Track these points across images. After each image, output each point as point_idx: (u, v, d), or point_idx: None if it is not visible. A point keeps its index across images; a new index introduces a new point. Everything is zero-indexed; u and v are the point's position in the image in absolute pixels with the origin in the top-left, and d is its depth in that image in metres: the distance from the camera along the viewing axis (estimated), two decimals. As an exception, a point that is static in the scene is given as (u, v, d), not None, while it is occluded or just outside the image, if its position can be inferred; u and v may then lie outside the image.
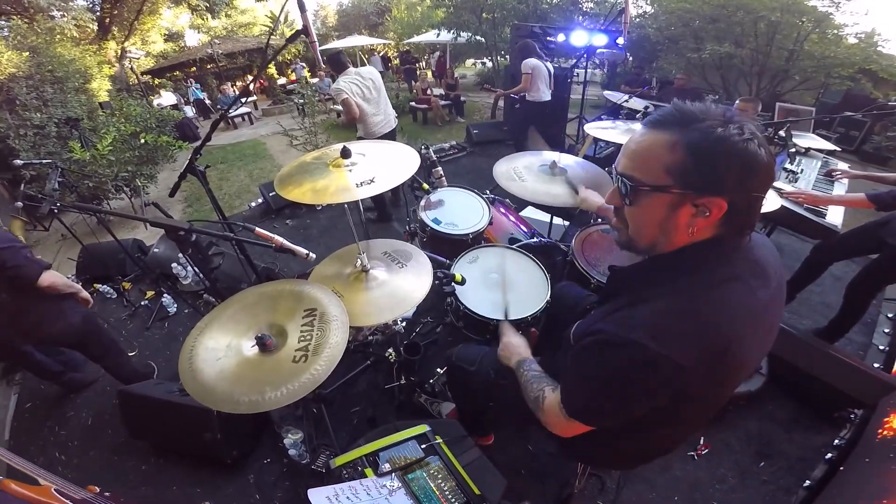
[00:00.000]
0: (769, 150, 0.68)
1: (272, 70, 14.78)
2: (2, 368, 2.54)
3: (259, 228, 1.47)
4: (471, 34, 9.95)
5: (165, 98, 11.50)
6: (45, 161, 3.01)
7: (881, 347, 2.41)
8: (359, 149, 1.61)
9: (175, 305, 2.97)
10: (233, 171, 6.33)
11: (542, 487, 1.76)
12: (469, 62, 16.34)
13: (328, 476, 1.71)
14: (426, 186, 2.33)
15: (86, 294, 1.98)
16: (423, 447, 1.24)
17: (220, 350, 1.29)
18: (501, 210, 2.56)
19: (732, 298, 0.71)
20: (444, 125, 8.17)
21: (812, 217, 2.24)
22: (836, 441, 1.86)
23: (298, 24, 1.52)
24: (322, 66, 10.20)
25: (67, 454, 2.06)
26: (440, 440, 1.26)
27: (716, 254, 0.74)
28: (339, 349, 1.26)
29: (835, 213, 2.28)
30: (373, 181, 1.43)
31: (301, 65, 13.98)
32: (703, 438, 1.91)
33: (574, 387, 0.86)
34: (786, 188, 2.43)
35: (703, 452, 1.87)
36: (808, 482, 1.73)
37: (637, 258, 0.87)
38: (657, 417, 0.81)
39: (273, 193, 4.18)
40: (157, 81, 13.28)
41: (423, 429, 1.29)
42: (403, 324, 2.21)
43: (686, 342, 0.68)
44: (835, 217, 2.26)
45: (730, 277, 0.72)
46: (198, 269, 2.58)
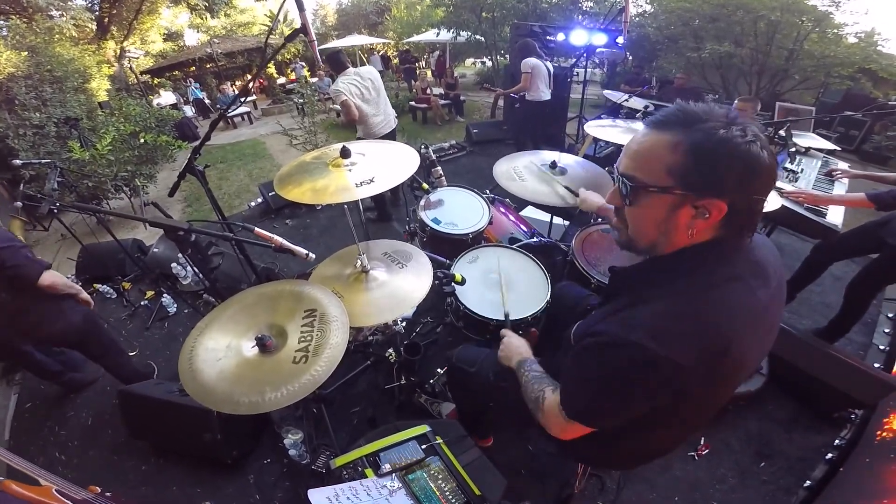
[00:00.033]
0: (772, 153, 0.67)
1: (272, 69, 14.77)
2: (2, 368, 2.53)
3: (258, 228, 1.47)
4: (470, 33, 9.95)
5: (165, 98, 11.50)
6: (45, 161, 3.00)
7: (881, 347, 2.41)
8: (358, 148, 1.61)
9: (175, 305, 2.97)
10: (232, 171, 6.32)
11: (543, 487, 1.75)
12: (469, 61, 16.34)
13: (328, 476, 1.71)
14: (426, 186, 2.33)
15: (86, 296, 1.97)
16: (424, 447, 1.24)
17: (220, 350, 1.29)
18: (501, 210, 2.56)
19: (732, 299, 0.71)
20: (444, 124, 8.17)
21: (812, 217, 2.24)
22: (837, 441, 1.86)
23: (298, 24, 1.52)
24: (321, 66, 10.21)
25: (67, 454, 2.06)
26: (440, 440, 1.26)
27: (715, 255, 0.74)
28: (340, 350, 1.25)
29: (835, 213, 2.28)
30: (372, 181, 1.44)
31: (301, 64, 13.98)
32: (704, 438, 1.91)
33: (574, 387, 0.86)
34: (786, 188, 2.43)
35: (704, 452, 1.88)
36: (809, 482, 1.74)
37: (637, 259, 0.87)
38: (657, 418, 0.81)
39: (272, 193, 4.18)
40: (157, 81, 13.28)
41: (424, 429, 1.29)
42: (403, 324, 2.21)
43: (686, 342, 0.68)
44: (835, 217, 2.26)
45: (730, 278, 0.72)
46: (197, 269, 2.57)
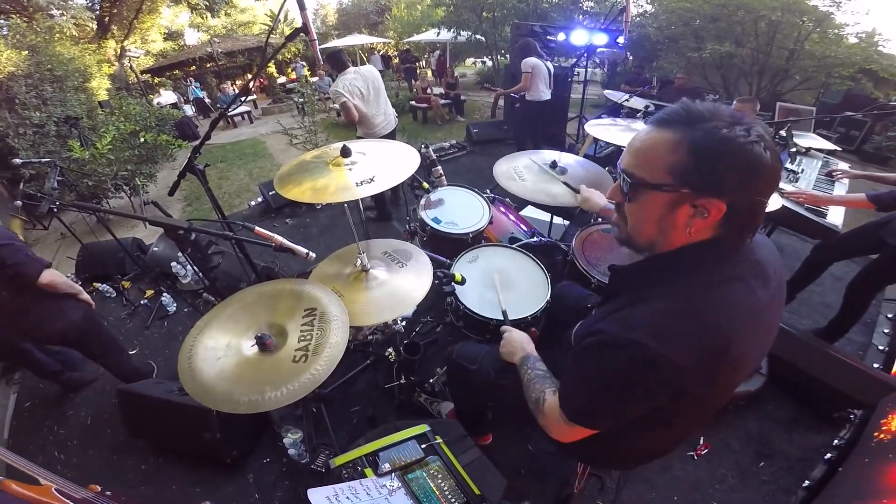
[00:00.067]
0: (776, 154, 0.66)
1: (272, 69, 14.78)
2: (1, 368, 2.53)
3: (259, 227, 1.47)
4: (471, 33, 9.94)
5: (165, 97, 11.51)
6: (45, 160, 3.01)
7: (881, 348, 2.41)
8: (359, 148, 1.61)
9: (174, 304, 2.97)
10: (232, 170, 6.32)
11: (542, 487, 1.75)
12: (469, 61, 16.34)
13: (328, 476, 1.70)
14: (426, 185, 2.33)
15: (86, 296, 1.97)
16: (423, 447, 1.24)
17: (220, 349, 1.29)
18: (501, 209, 2.56)
19: (732, 298, 0.71)
20: (444, 124, 8.17)
21: (812, 217, 2.24)
22: (836, 441, 1.86)
23: (298, 23, 1.52)
24: (322, 65, 10.20)
25: (67, 453, 2.06)
26: (440, 440, 1.26)
27: (715, 254, 0.73)
28: (340, 349, 1.25)
29: (835, 213, 2.28)
30: (373, 180, 1.43)
31: (301, 63, 13.98)
32: (703, 438, 1.91)
33: (573, 387, 0.86)
34: (786, 188, 2.43)
35: (703, 452, 1.87)
36: (808, 482, 1.73)
37: (637, 257, 0.87)
38: (657, 418, 0.81)
39: (273, 192, 4.18)
40: (157, 80, 13.29)
41: (423, 428, 1.29)
42: (403, 323, 2.21)
43: (686, 342, 0.68)
44: (835, 217, 2.26)
45: (730, 277, 0.72)
46: (197, 268, 2.57)
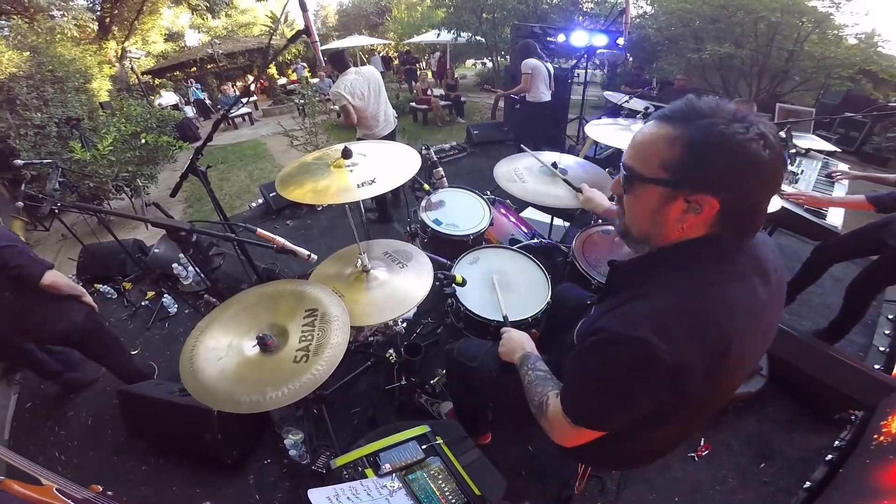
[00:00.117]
0: (778, 153, 0.65)
1: (272, 70, 14.81)
2: (2, 368, 2.54)
3: (260, 229, 1.48)
4: (471, 34, 9.95)
5: (166, 98, 11.52)
6: (46, 161, 3.01)
7: (881, 349, 2.41)
8: (360, 149, 1.61)
9: (175, 306, 2.97)
10: (233, 172, 6.34)
11: (543, 488, 1.76)
12: (469, 62, 16.35)
13: (328, 476, 1.71)
14: (427, 187, 2.33)
15: (89, 299, 1.98)
16: (424, 448, 1.24)
17: (222, 350, 1.29)
18: (502, 211, 2.56)
19: (733, 296, 0.71)
20: (445, 126, 8.18)
21: (812, 218, 2.24)
22: (837, 442, 1.86)
23: (299, 24, 1.53)
24: (323, 66, 10.22)
25: (67, 454, 2.06)
26: (441, 441, 1.26)
27: (716, 251, 0.74)
28: (340, 349, 1.26)
29: (835, 215, 2.28)
30: (374, 182, 1.44)
31: (302, 65, 14.00)
32: (704, 439, 1.91)
33: (577, 387, 0.85)
34: (786, 189, 2.43)
35: (704, 453, 1.88)
36: (809, 483, 1.73)
37: (638, 256, 0.88)
38: (659, 417, 0.81)
39: (273, 194, 4.19)
40: (158, 81, 13.30)
41: (424, 429, 1.30)
42: (404, 325, 2.21)
43: (688, 339, 0.68)
44: (835, 218, 2.26)
45: (731, 275, 0.72)
46: (198, 270, 2.58)
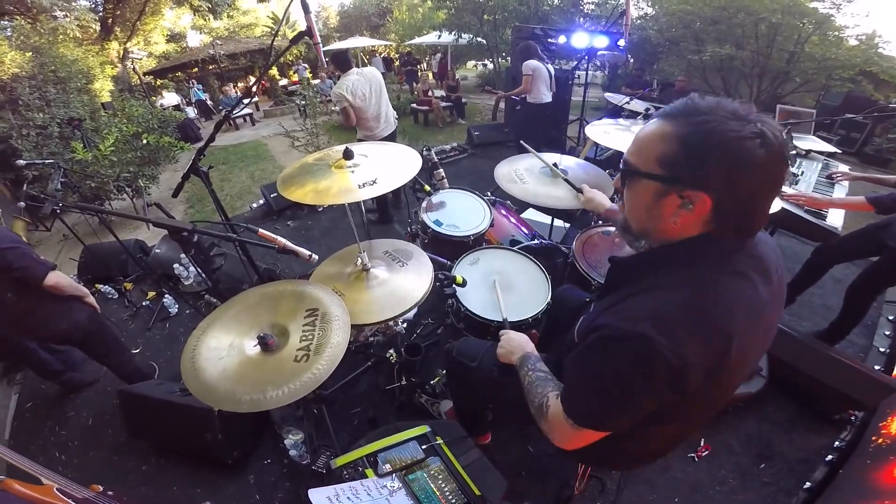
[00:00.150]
0: (776, 152, 0.65)
1: (274, 71, 14.84)
2: (2, 368, 2.54)
3: (262, 230, 1.48)
4: (472, 36, 9.97)
5: (168, 98, 11.56)
6: (48, 161, 3.02)
7: (882, 350, 2.41)
8: (361, 150, 1.62)
9: (176, 306, 2.98)
10: (234, 172, 6.35)
11: (543, 488, 1.76)
12: (470, 64, 16.37)
13: (329, 476, 1.71)
14: (428, 188, 2.34)
15: (92, 300, 1.98)
16: (424, 448, 1.24)
17: (223, 349, 1.30)
18: (502, 212, 2.57)
19: (735, 295, 0.71)
20: (445, 127, 8.19)
21: (812, 219, 2.24)
22: (837, 443, 1.86)
23: (301, 25, 1.53)
24: (324, 67, 10.25)
25: (68, 454, 2.07)
26: (441, 441, 1.26)
27: (716, 249, 0.74)
28: (341, 349, 1.26)
29: (835, 215, 2.28)
30: (375, 182, 1.44)
31: (304, 66, 14.03)
32: (704, 440, 1.91)
33: (578, 387, 0.84)
34: (786, 190, 2.43)
35: (704, 454, 1.87)
36: (809, 484, 1.73)
37: (639, 252, 0.88)
38: (659, 416, 0.81)
39: (275, 194, 4.19)
40: (160, 82, 13.34)
41: (424, 429, 1.30)
42: (404, 325, 2.21)
43: (690, 337, 0.68)
44: (835, 219, 2.26)
45: (732, 273, 0.73)
46: (200, 270, 2.58)
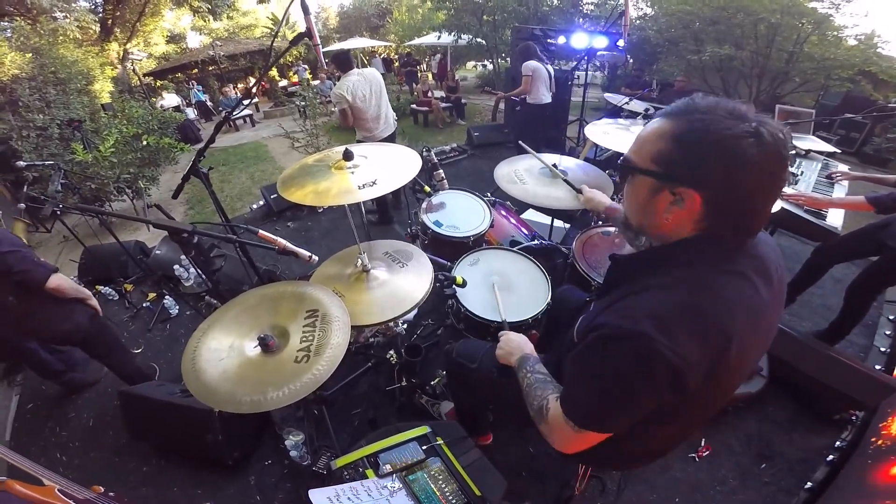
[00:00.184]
0: (773, 152, 0.65)
1: (274, 72, 14.85)
2: (3, 369, 2.54)
3: (262, 231, 1.48)
4: (472, 36, 9.99)
5: (168, 100, 11.57)
6: (48, 163, 3.03)
7: (882, 349, 2.41)
8: (361, 151, 1.62)
9: (177, 307, 2.98)
10: (234, 173, 6.36)
11: (543, 488, 1.76)
12: (470, 64, 16.38)
13: (329, 477, 1.72)
14: (428, 189, 2.34)
15: (95, 302, 1.98)
16: (424, 448, 1.25)
17: (223, 351, 1.30)
18: (502, 212, 2.57)
19: (735, 295, 0.72)
20: (445, 127, 8.19)
21: (812, 219, 2.24)
22: (838, 443, 1.86)
23: (300, 27, 1.53)
24: (324, 68, 10.26)
25: (68, 455, 2.07)
26: (441, 441, 1.26)
27: (716, 249, 0.74)
28: (341, 350, 1.26)
29: (835, 215, 2.28)
30: (375, 183, 1.44)
31: (303, 67, 14.04)
32: (704, 440, 1.91)
33: (577, 386, 0.84)
34: (786, 190, 2.43)
35: (704, 454, 1.87)
36: (810, 484, 1.74)
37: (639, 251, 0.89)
38: (659, 416, 0.81)
39: (275, 195, 4.19)
40: (159, 83, 13.36)
41: (424, 430, 1.30)
42: (405, 326, 2.21)
43: (689, 336, 0.68)
44: (835, 219, 2.26)
45: (733, 273, 0.73)
46: (200, 271, 2.58)
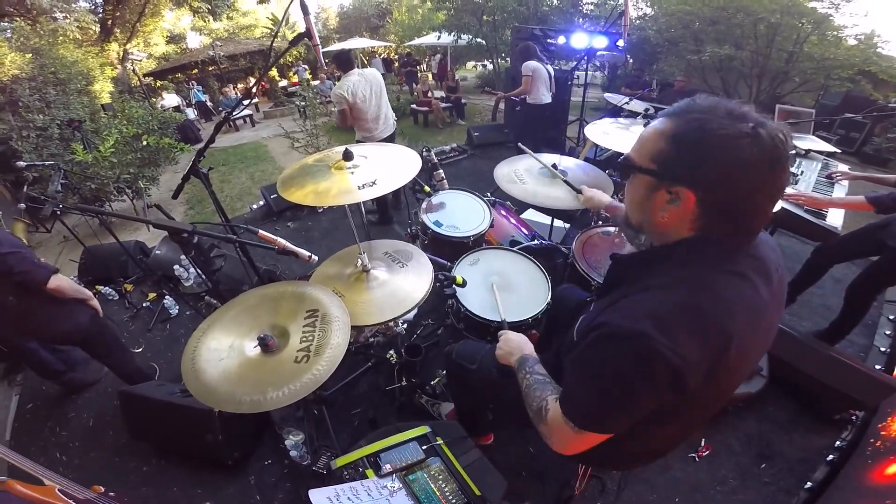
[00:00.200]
0: (771, 153, 0.65)
1: (273, 72, 14.86)
2: (3, 369, 2.54)
3: (262, 231, 1.48)
4: (471, 37, 9.99)
5: (168, 100, 11.57)
6: (48, 163, 3.03)
7: (882, 349, 2.41)
8: (361, 151, 1.62)
9: (177, 307, 2.98)
10: (234, 174, 6.36)
11: (543, 488, 1.76)
12: (470, 65, 16.38)
13: (329, 477, 1.72)
14: (427, 189, 2.34)
15: (96, 303, 1.99)
16: (424, 448, 1.25)
17: (223, 351, 1.30)
18: (502, 212, 2.57)
19: (735, 295, 0.72)
20: (445, 127, 8.19)
21: (812, 219, 2.24)
22: (838, 443, 1.86)
23: (300, 27, 1.53)
24: (324, 69, 10.26)
25: (68, 455, 2.07)
26: (441, 441, 1.26)
27: (717, 250, 0.74)
28: (341, 350, 1.26)
29: (835, 215, 2.28)
30: (374, 183, 1.44)
31: (303, 67, 14.04)
32: (704, 440, 1.91)
33: (577, 387, 0.84)
34: (786, 190, 2.43)
35: (704, 454, 1.87)
36: (810, 484, 1.74)
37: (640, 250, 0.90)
38: (659, 416, 0.81)
39: (274, 195, 4.19)
40: (159, 83, 13.36)
41: (424, 430, 1.30)
42: (405, 326, 2.21)
43: (689, 336, 0.68)
44: (835, 219, 2.26)
45: (733, 274, 0.73)
46: (200, 271, 2.59)
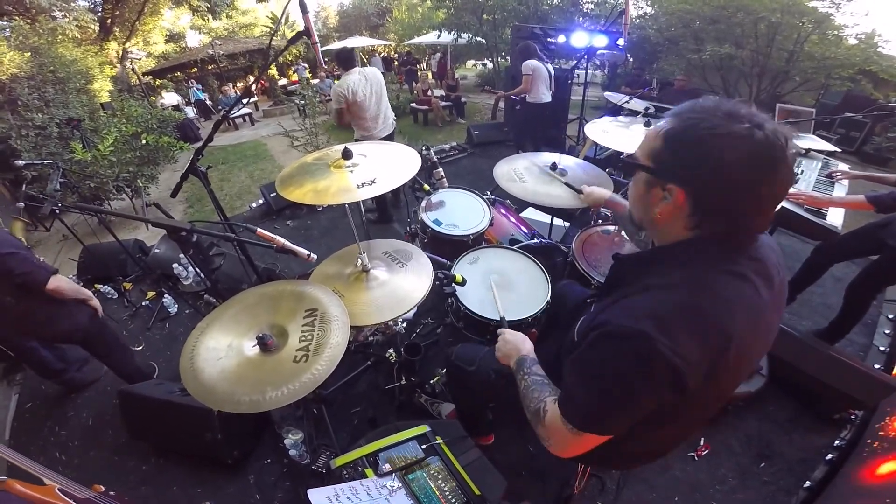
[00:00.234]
0: (768, 153, 0.66)
1: (273, 71, 14.84)
2: (3, 368, 2.54)
3: (260, 229, 1.48)
4: (471, 35, 9.97)
5: (167, 98, 11.54)
6: (47, 162, 3.01)
7: (882, 349, 2.41)
8: (360, 150, 1.62)
9: (176, 306, 2.98)
10: (233, 172, 6.35)
11: (542, 488, 1.76)
12: (469, 63, 16.36)
13: (328, 476, 1.71)
14: (427, 187, 2.34)
15: (96, 302, 1.98)
16: (424, 447, 1.24)
17: (222, 350, 1.30)
18: (502, 211, 2.57)
19: (735, 295, 0.72)
20: (445, 126, 8.18)
21: (812, 218, 2.23)
22: (837, 442, 1.86)
23: (300, 25, 1.53)
24: (323, 67, 10.24)
25: (68, 454, 2.07)
26: (440, 440, 1.26)
27: (717, 251, 0.75)
28: (340, 349, 1.26)
29: (835, 214, 2.27)
30: (374, 182, 1.44)
31: (303, 66, 14.01)
32: (704, 439, 1.91)
33: (577, 387, 0.83)
34: (787, 190, 2.43)
35: (704, 453, 1.88)
36: (809, 483, 1.74)
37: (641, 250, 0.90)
38: (659, 416, 0.80)
39: (274, 194, 4.19)
40: (159, 82, 13.34)
41: (424, 429, 1.30)
42: (404, 325, 2.21)
43: (689, 336, 0.68)
44: (835, 218, 2.25)
45: (734, 274, 0.73)
46: (199, 270, 2.58)
